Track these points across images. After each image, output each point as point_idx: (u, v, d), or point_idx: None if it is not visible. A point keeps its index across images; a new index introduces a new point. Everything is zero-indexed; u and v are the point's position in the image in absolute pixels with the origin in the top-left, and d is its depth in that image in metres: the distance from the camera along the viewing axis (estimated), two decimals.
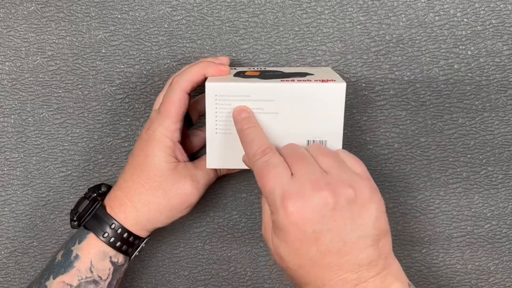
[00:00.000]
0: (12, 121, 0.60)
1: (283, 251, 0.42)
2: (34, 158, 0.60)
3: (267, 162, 0.43)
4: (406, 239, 0.60)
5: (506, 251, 0.60)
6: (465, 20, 0.55)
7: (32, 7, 0.57)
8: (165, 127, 0.49)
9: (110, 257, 0.51)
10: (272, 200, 0.41)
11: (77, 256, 0.50)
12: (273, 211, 0.41)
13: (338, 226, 0.40)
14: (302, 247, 0.41)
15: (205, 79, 0.49)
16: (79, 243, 0.51)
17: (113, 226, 0.50)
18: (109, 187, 0.55)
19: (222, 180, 0.60)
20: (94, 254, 0.50)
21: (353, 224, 0.40)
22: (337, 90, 0.46)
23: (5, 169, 0.61)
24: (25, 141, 0.60)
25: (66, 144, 0.60)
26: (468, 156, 0.58)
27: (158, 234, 0.61)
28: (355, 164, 0.44)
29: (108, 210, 0.51)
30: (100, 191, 0.54)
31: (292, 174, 0.42)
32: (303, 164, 0.42)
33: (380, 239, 0.41)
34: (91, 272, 0.50)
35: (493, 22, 0.55)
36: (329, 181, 0.41)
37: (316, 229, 0.40)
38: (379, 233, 0.41)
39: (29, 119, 0.60)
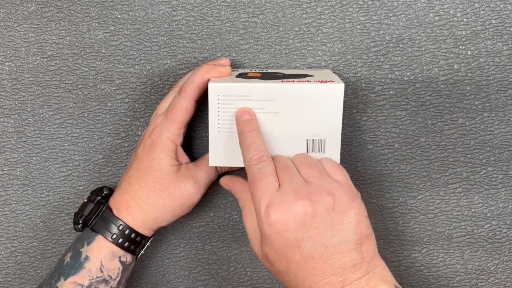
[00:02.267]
0: (12, 121, 0.60)
1: (271, 257, 0.44)
2: (34, 158, 0.60)
3: (261, 170, 0.45)
4: (406, 239, 0.60)
5: (506, 251, 0.60)
6: (465, 20, 0.55)
7: (32, 7, 0.57)
8: (170, 132, 0.51)
9: (119, 257, 0.52)
10: (258, 208, 0.44)
11: (87, 257, 0.51)
12: (258, 220, 0.44)
13: (318, 233, 0.42)
14: (287, 253, 0.43)
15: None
16: (87, 245, 0.52)
17: (121, 227, 0.52)
18: (110, 190, 0.57)
19: None
20: (104, 255, 0.52)
21: (333, 230, 0.43)
22: (335, 91, 0.47)
23: (5, 169, 0.61)
24: (25, 141, 0.60)
25: (66, 144, 0.60)
26: (468, 156, 0.58)
27: (158, 234, 0.61)
28: (337, 172, 0.47)
29: (115, 213, 0.52)
30: (103, 194, 0.56)
31: (279, 185, 0.44)
32: (287, 175, 0.44)
33: (363, 243, 0.43)
34: (102, 272, 0.52)
35: (493, 22, 0.55)
36: (309, 190, 0.43)
37: (298, 236, 0.42)
38: (360, 238, 0.43)
39: (29, 119, 0.60)
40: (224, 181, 0.54)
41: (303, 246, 0.42)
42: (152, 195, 0.52)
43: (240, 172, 0.60)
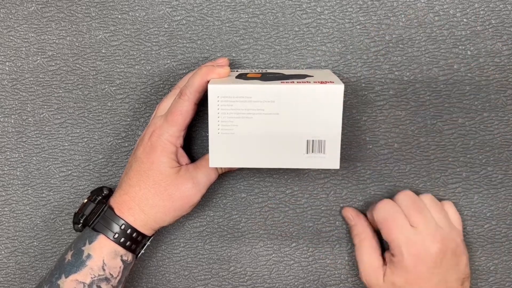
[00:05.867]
0: (12, 121, 0.60)
1: (400, 286, 0.53)
2: (34, 158, 0.60)
3: (391, 212, 0.54)
4: None
5: (506, 251, 0.60)
6: (464, 20, 0.55)
7: (33, 7, 0.57)
8: (170, 134, 0.51)
9: (121, 256, 0.53)
10: (397, 245, 0.52)
11: (89, 256, 0.52)
12: (397, 253, 0.52)
13: (444, 270, 0.52)
14: (417, 283, 0.52)
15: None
16: (89, 243, 0.52)
17: (123, 227, 0.52)
18: (110, 190, 0.57)
19: (222, 180, 0.60)
20: (107, 254, 0.52)
21: (453, 269, 0.53)
22: (335, 92, 0.47)
23: (6, 169, 0.61)
24: (25, 141, 0.60)
25: (66, 144, 0.60)
26: (468, 156, 0.58)
27: (158, 234, 0.61)
28: (456, 220, 0.56)
29: (117, 213, 0.53)
30: (103, 194, 0.56)
31: (415, 226, 0.53)
32: (423, 219, 0.53)
33: (465, 281, 0.54)
34: (104, 270, 0.52)
35: (493, 22, 0.55)
36: (442, 235, 0.53)
37: (429, 271, 0.52)
38: (465, 277, 0.54)
39: (30, 119, 0.60)
40: (350, 212, 0.59)
41: (432, 279, 0.52)
42: (153, 197, 0.52)
43: (240, 173, 0.60)
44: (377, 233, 0.58)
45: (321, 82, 0.48)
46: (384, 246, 0.57)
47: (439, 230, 0.53)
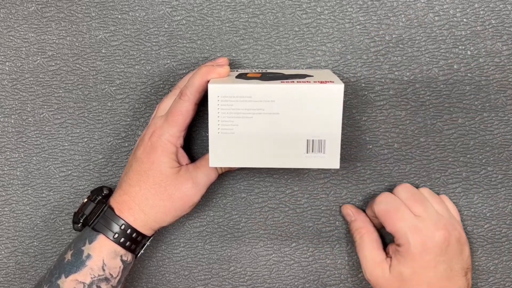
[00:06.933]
0: (12, 121, 0.60)
1: (406, 275, 0.52)
2: (34, 158, 0.60)
3: (389, 203, 0.55)
4: None
5: (506, 251, 0.60)
6: (464, 20, 0.55)
7: (33, 7, 0.58)
8: (170, 134, 0.52)
9: (121, 256, 0.53)
10: (403, 233, 0.52)
11: (89, 256, 0.52)
12: (403, 242, 0.52)
13: (449, 258, 0.52)
14: (424, 272, 0.52)
15: None
16: (89, 243, 0.52)
17: (123, 227, 0.52)
18: (110, 190, 0.57)
19: (222, 180, 0.60)
20: (107, 254, 0.52)
21: (458, 257, 0.53)
22: (335, 91, 0.47)
23: (6, 169, 0.61)
24: (25, 141, 0.60)
25: (66, 144, 0.60)
26: (468, 156, 0.58)
27: (158, 234, 0.61)
28: (455, 212, 0.57)
29: (118, 213, 0.53)
30: (103, 194, 0.56)
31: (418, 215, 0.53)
32: (424, 208, 0.53)
33: (468, 271, 0.54)
34: (103, 270, 0.52)
35: (493, 22, 0.55)
36: (444, 223, 0.53)
37: (436, 259, 0.52)
38: (468, 267, 0.54)
39: (30, 119, 0.60)
40: (350, 209, 0.59)
41: (438, 267, 0.52)
42: (152, 197, 0.52)
43: (240, 173, 0.60)
44: (377, 230, 0.58)
45: (321, 82, 0.48)
46: (384, 243, 0.57)
47: (441, 219, 0.53)
